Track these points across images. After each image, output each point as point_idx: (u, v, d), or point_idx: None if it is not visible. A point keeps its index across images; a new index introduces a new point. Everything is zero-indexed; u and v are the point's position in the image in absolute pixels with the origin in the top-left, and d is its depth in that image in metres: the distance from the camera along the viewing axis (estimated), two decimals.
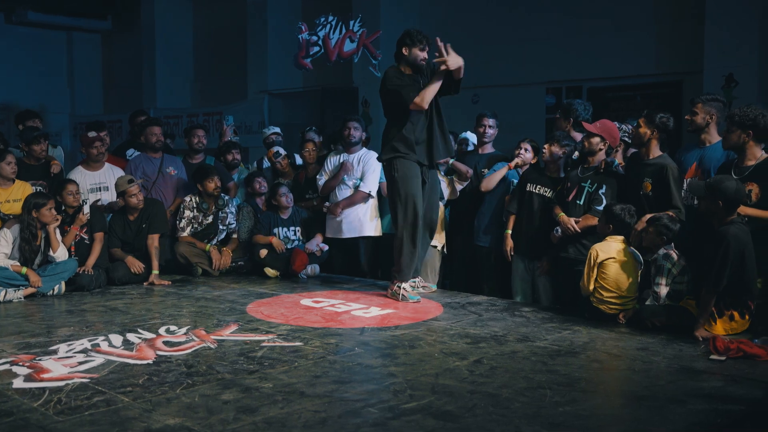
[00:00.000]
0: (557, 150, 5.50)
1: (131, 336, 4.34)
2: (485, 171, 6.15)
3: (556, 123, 6.19)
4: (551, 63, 9.32)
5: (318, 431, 2.86)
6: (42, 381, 3.47)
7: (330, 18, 7.74)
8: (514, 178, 6.00)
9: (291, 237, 6.69)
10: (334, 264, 6.82)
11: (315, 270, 6.57)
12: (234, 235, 6.83)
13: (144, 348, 4.07)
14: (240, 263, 6.80)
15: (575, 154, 5.54)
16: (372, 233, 6.54)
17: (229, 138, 7.99)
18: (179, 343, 4.18)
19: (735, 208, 4.26)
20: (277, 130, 7.92)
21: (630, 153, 5.52)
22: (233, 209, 6.84)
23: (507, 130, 6.62)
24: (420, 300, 5.37)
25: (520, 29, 9.63)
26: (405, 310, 5.13)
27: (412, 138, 5.32)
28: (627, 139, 5.52)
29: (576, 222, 5.15)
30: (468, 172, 6.20)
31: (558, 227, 5.27)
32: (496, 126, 6.28)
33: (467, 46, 9.52)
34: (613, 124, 5.31)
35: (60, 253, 5.80)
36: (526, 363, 3.79)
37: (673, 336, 4.27)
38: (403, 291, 5.38)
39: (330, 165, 6.66)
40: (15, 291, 5.52)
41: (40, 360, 3.82)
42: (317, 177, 6.75)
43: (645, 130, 4.95)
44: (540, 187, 5.54)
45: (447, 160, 6.10)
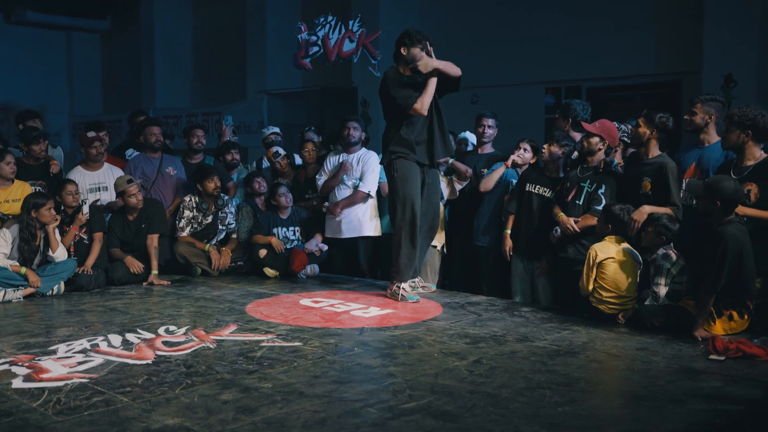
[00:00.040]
0: (556, 150, 5.50)
1: (130, 336, 4.34)
2: (484, 171, 6.15)
3: (555, 123, 6.20)
4: (550, 63, 9.32)
5: (317, 431, 2.86)
6: (41, 381, 3.47)
7: (329, 18, 7.75)
8: (513, 178, 6.00)
9: (290, 237, 6.69)
10: (333, 264, 6.82)
11: (314, 270, 6.57)
12: (233, 235, 6.83)
13: (143, 348, 4.07)
14: (239, 263, 6.80)
15: (574, 154, 5.55)
16: (371, 233, 6.54)
17: (228, 138, 7.98)
18: (178, 343, 4.18)
19: (733, 208, 4.26)
20: (277, 130, 7.92)
21: (629, 153, 5.53)
22: (233, 209, 6.84)
23: (506, 130, 6.62)
24: (419, 300, 5.37)
25: (519, 29, 9.63)
26: (404, 310, 5.13)
27: (412, 138, 5.33)
28: (626, 139, 5.52)
29: (575, 222, 5.16)
30: (467, 171, 6.20)
31: (557, 227, 5.28)
32: (495, 126, 6.28)
33: (467, 46, 9.60)
34: (612, 124, 5.31)
35: (59, 253, 5.80)
36: (525, 363, 3.79)
37: (673, 336, 4.27)
38: (403, 291, 5.37)
39: (329, 165, 6.66)
40: (14, 291, 5.52)
41: (39, 360, 3.82)
42: (317, 177, 6.75)
43: (644, 129, 4.96)
44: (539, 187, 5.54)
45: (447, 159, 6.10)
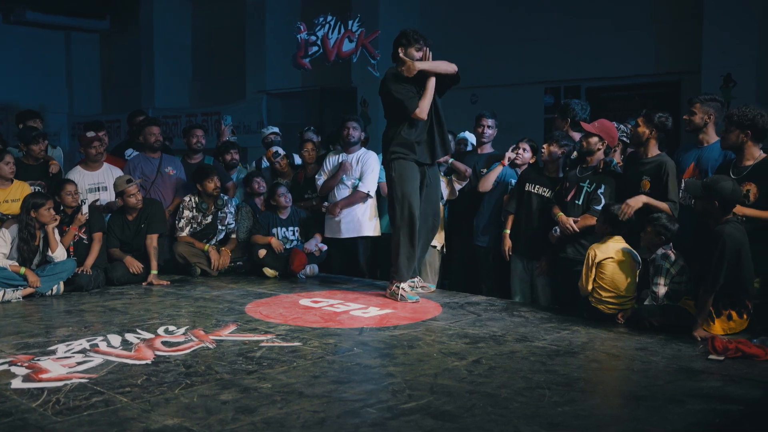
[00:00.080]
0: (556, 150, 5.50)
1: (130, 336, 4.34)
2: (484, 171, 6.15)
3: (554, 123, 6.20)
4: (550, 63, 9.32)
5: (316, 431, 2.86)
6: (40, 381, 3.47)
7: (329, 18, 7.73)
8: (512, 178, 6.00)
9: (290, 237, 6.69)
10: (332, 264, 6.82)
11: (314, 270, 6.57)
12: (233, 235, 6.83)
13: (142, 348, 4.07)
14: (239, 263, 6.80)
15: (574, 154, 5.55)
16: (371, 233, 6.54)
17: (227, 138, 7.99)
18: (178, 344, 4.18)
19: (731, 208, 4.27)
20: (276, 130, 7.92)
21: (628, 152, 5.53)
22: (232, 209, 6.84)
23: (506, 130, 6.62)
24: (419, 300, 5.37)
25: (519, 29, 9.62)
26: (404, 310, 5.13)
27: (412, 138, 5.33)
28: (625, 139, 5.52)
29: (575, 222, 5.16)
30: (467, 171, 6.20)
31: (556, 227, 5.28)
32: (495, 126, 6.28)
33: (466, 46, 9.60)
34: (612, 123, 5.32)
35: (58, 254, 5.80)
36: (524, 363, 3.79)
37: (672, 336, 4.28)
38: (402, 291, 5.37)
39: (329, 165, 6.66)
40: (13, 291, 5.52)
41: (38, 360, 3.82)
42: (316, 177, 6.75)
43: (644, 129, 4.97)
44: (539, 187, 5.54)
45: (446, 159, 6.11)
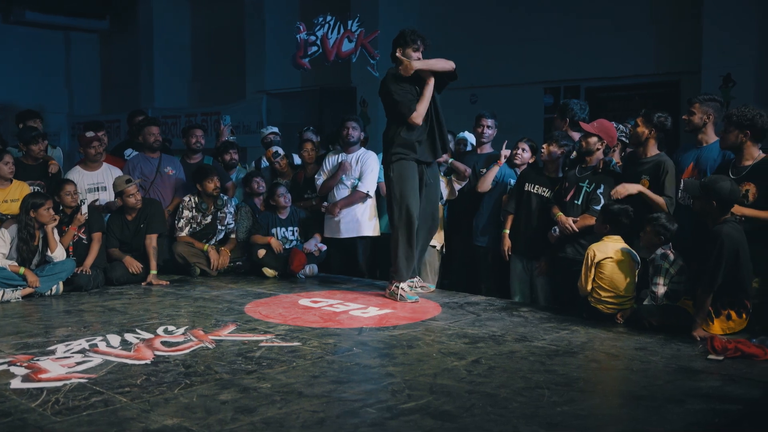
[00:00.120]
0: (556, 150, 5.50)
1: (129, 336, 4.34)
2: (483, 171, 6.15)
3: (554, 123, 6.20)
4: (549, 63, 9.31)
5: (316, 431, 2.86)
6: (40, 381, 3.47)
7: (328, 18, 7.74)
8: (511, 178, 6.00)
9: (289, 237, 6.69)
10: (332, 264, 6.82)
11: (313, 270, 6.57)
12: (232, 235, 6.83)
13: (142, 348, 4.07)
14: (238, 263, 6.80)
15: (573, 154, 5.55)
16: (370, 233, 6.54)
17: (227, 138, 7.99)
18: (177, 344, 4.18)
19: (729, 208, 4.27)
20: (275, 129, 7.92)
21: (627, 152, 5.53)
22: (232, 209, 6.83)
23: (505, 130, 6.62)
24: (418, 300, 5.37)
25: (518, 29, 9.62)
26: (403, 310, 5.13)
27: (413, 138, 5.33)
28: (624, 139, 5.53)
29: (574, 222, 5.16)
30: (466, 171, 6.20)
31: (556, 227, 5.28)
32: (495, 126, 6.28)
33: (466, 45, 9.59)
34: (611, 123, 5.32)
35: (58, 254, 5.80)
36: (524, 363, 3.79)
37: (671, 336, 4.28)
38: (402, 291, 5.38)
39: (328, 165, 6.66)
40: (13, 291, 5.52)
41: (38, 360, 3.82)
42: (315, 177, 6.75)
43: (643, 129, 4.98)
44: (538, 187, 5.54)
45: (446, 159, 6.11)
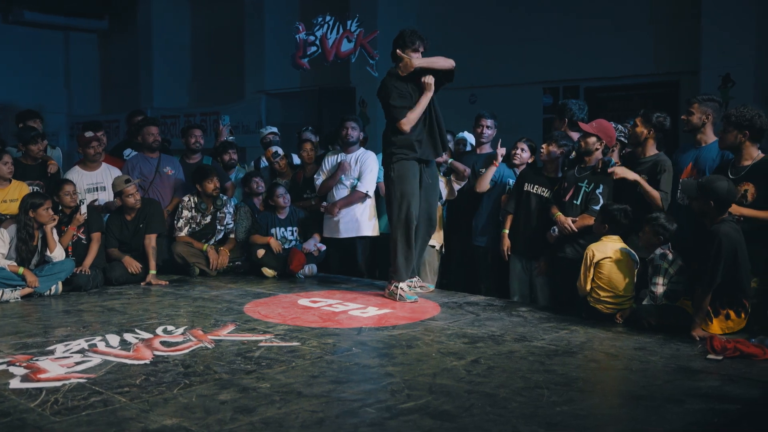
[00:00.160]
0: (555, 150, 5.50)
1: (128, 336, 4.34)
2: (483, 171, 6.15)
3: (553, 123, 6.20)
4: (548, 63, 9.32)
5: (315, 431, 2.86)
6: (39, 381, 3.47)
7: (327, 18, 7.73)
8: (510, 178, 6.00)
9: (288, 237, 6.69)
10: (331, 264, 6.83)
11: (312, 270, 6.57)
12: (231, 235, 6.83)
13: (141, 348, 4.07)
14: (237, 263, 6.80)
15: (572, 154, 5.55)
16: (369, 233, 6.54)
17: (225, 138, 7.98)
18: (176, 343, 4.18)
19: (727, 207, 4.27)
20: (275, 129, 7.91)
21: (625, 152, 5.54)
22: (231, 209, 6.83)
23: (504, 130, 6.62)
24: (417, 300, 5.37)
25: (517, 29, 9.63)
26: (402, 309, 5.13)
27: (412, 138, 5.33)
28: (623, 139, 5.53)
29: (573, 222, 5.16)
30: (466, 171, 6.20)
31: (555, 227, 5.28)
32: (494, 126, 6.28)
33: (465, 45, 9.59)
34: (609, 123, 5.32)
35: (57, 254, 5.79)
36: (523, 363, 3.79)
37: (670, 336, 4.28)
38: (401, 291, 5.38)
39: (328, 165, 6.66)
40: (12, 291, 5.51)
41: (37, 360, 3.82)
42: (315, 177, 6.75)
43: (641, 129, 4.99)
44: (537, 187, 5.54)
45: (446, 159, 6.11)
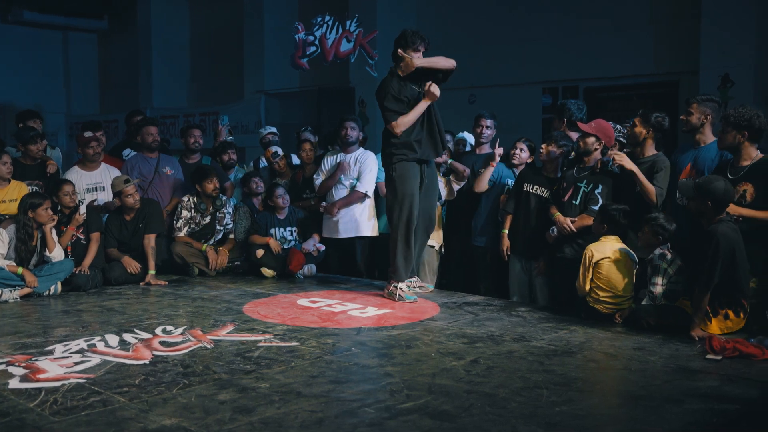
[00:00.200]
0: (554, 150, 5.50)
1: (128, 336, 4.34)
2: (482, 171, 6.15)
3: (552, 124, 6.20)
4: (547, 63, 9.32)
5: (314, 431, 2.86)
6: (38, 381, 3.47)
7: (327, 18, 7.73)
8: (509, 178, 6.00)
9: (288, 237, 6.69)
10: (330, 264, 6.82)
11: (312, 270, 6.57)
12: (231, 235, 6.83)
13: (140, 348, 4.07)
14: (236, 263, 6.79)
15: (572, 154, 5.55)
16: (368, 233, 6.54)
17: (224, 138, 7.98)
18: (176, 344, 4.18)
19: (724, 207, 4.27)
20: (274, 130, 7.91)
21: (625, 152, 5.53)
22: (230, 209, 6.83)
23: (504, 130, 6.63)
24: (417, 300, 5.37)
25: (516, 29, 9.63)
26: (402, 310, 5.13)
27: (411, 139, 5.33)
28: (622, 139, 5.53)
29: (572, 222, 5.16)
30: (465, 171, 6.20)
31: (554, 227, 5.28)
32: (494, 126, 6.28)
33: (464, 45, 9.59)
34: (608, 123, 5.33)
35: (56, 254, 5.79)
36: (522, 363, 3.79)
37: (670, 336, 4.28)
38: (400, 291, 5.38)
39: (327, 165, 6.66)
40: (11, 291, 5.51)
41: (36, 360, 3.82)
42: (314, 177, 6.75)
43: (640, 129, 4.99)
44: (537, 187, 5.54)
45: (445, 159, 6.11)
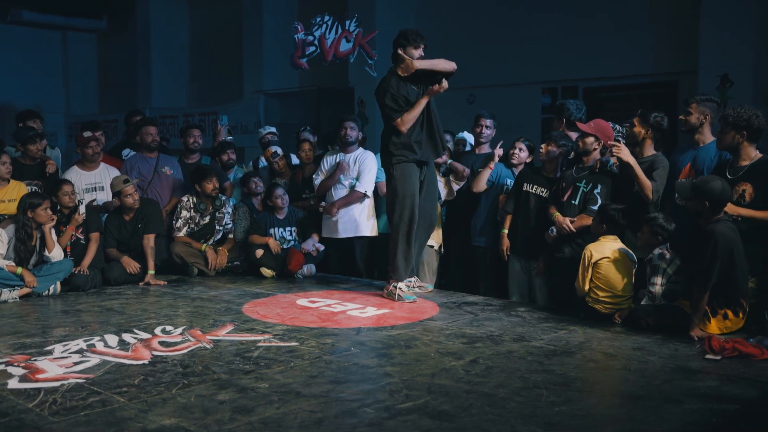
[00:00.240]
0: (554, 149, 5.50)
1: (127, 336, 4.34)
2: (481, 170, 6.15)
3: (552, 124, 6.21)
4: (547, 63, 9.32)
5: (314, 431, 2.86)
6: (37, 381, 3.47)
7: (326, 18, 7.73)
8: (508, 178, 6.01)
9: (287, 237, 6.69)
10: (330, 264, 6.83)
11: (311, 270, 6.57)
12: (230, 235, 6.83)
13: (140, 348, 4.07)
14: (236, 263, 6.79)
15: (571, 154, 5.55)
16: (368, 233, 6.54)
17: (223, 138, 7.98)
18: (175, 344, 4.18)
19: (721, 207, 4.28)
20: (273, 129, 7.90)
21: None
22: (229, 209, 6.83)
23: (503, 130, 6.63)
24: (416, 300, 5.37)
25: (515, 29, 9.63)
26: (401, 310, 5.13)
27: (411, 139, 5.32)
28: (621, 139, 5.52)
29: (571, 222, 5.16)
30: (465, 171, 6.20)
31: (553, 227, 5.28)
32: (493, 126, 6.28)
33: (463, 45, 9.60)
34: (607, 123, 5.33)
35: (55, 254, 5.79)
36: (522, 363, 3.80)
37: (669, 336, 4.28)
38: (399, 291, 5.38)
39: (326, 165, 6.66)
40: (10, 291, 5.51)
41: (35, 360, 3.82)
42: (313, 177, 6.75)
43: (639, 129, 5.00)
44: (536, 187, 5.54)
45: (445, 160, 6.11)
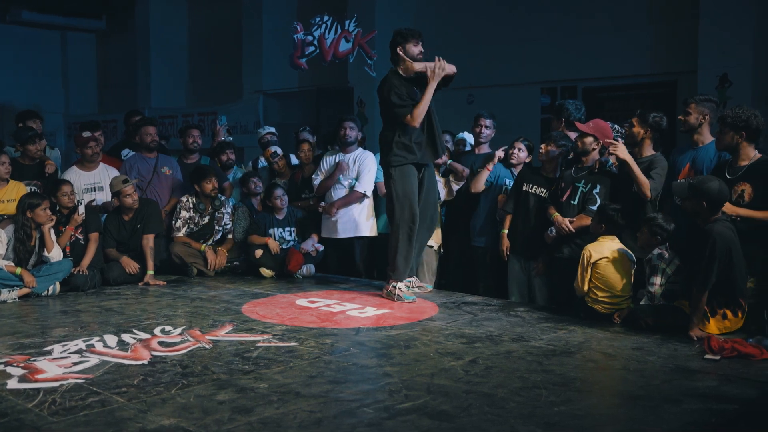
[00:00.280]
0: (553, 149, 5.50)
1: (126, 336, 4.34)
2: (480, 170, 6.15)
3: (551, 124, 6.21)
4: (546, 63, 9.32)
5: (313, 431, 2.86)
6: (36, 382, 3.47)
7: (325, 18, 7.74)
8: (508, 178, 6.01)
9: (286, 237, 6.69)
10: (329, 264, 6.83)
11: (310, 270, 6.57)
12: (229, 236, 6.82)
13: (139, 348, 4.07)
14: (235, 263, 6.79)
15: (570, 154, 5.56)
16: (367, 233, 6.54)
17: (222, 138, 7.97)
18: (174, 344, 4.18)
19: (719, 207, 4.28)
20: (273, 130, 7.90)
21: None
22: (229, 209, 6.83)
23: (502, 130, 6.64)
24: (415, 300, 5.37)
25: (515, 29, 9.63)
26: (400, 310, 5.13)
27: (410, 141, 5.32)
28: (620, 139, 5.53)
29: (570, 222, 5.16)
30: (464, 172, 6.20)
31: (552, 227, 5.28)
32: (493, 126, 6.28)
33: (462, 46, 9.61)
34: (606, 123, 5.33)
35: (55, 254, 5.79)
36: (521, 363, 3.80)
37: (668, 336, 4.28)
38: (399, 291, 5.38)
39: (326, 165, 6.66)
40: (9, 291, 5.51)
41: (34, 360, 3.82)
42: (313, 177, 6.75)
43: (638, 129, 5.00)
44: (536, 187, 5.54)
45: (444, 160, 6.11)
